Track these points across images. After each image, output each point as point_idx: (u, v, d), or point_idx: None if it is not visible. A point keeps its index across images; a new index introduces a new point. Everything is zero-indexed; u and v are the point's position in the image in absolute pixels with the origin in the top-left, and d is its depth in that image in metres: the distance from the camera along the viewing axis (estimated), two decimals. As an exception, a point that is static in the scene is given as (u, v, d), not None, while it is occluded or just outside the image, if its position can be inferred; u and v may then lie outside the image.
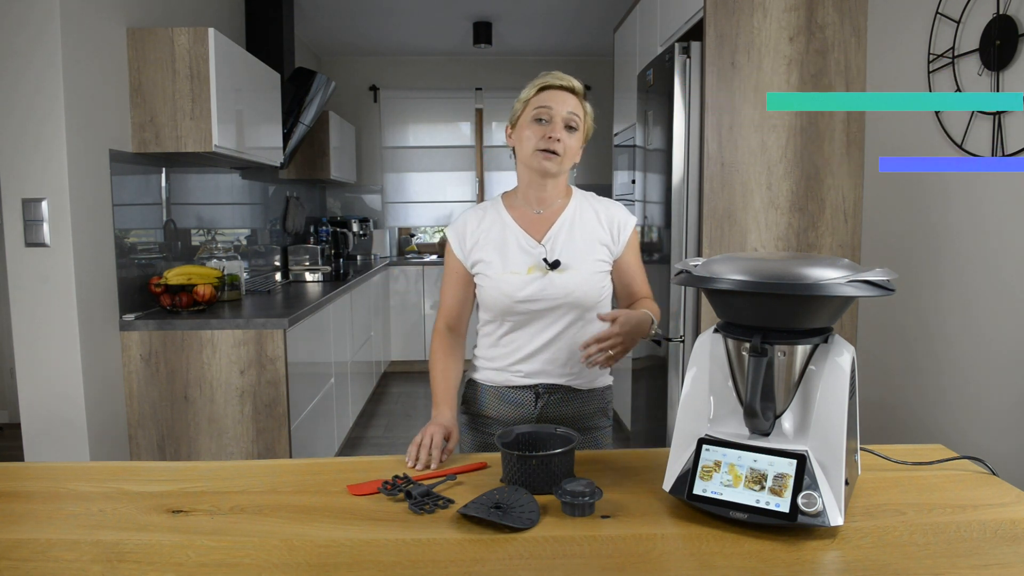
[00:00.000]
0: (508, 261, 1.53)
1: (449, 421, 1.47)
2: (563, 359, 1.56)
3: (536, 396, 1.57)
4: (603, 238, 1.57)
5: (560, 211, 1.57)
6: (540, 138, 1.48)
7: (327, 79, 4.08)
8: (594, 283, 1.54)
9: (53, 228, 2.34)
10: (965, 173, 2.13)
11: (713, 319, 2.68)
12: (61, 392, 2.39)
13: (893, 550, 1.02)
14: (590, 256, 1.54)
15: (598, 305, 1.57)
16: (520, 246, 1.54)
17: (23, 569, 0.99)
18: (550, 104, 1.48)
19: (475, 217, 1.60)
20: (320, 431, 3.30)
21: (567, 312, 1.53)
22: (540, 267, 1.52)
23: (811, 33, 2.68)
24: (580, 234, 1.55)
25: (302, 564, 1.00)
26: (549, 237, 1.55)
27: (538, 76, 1.54)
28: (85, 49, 2.42)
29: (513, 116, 1.56)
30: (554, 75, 1.51)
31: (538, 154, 1.49)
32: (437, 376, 1.56)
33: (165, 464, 1.41)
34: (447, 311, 1.62)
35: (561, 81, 1.51)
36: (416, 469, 1.35)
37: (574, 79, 1.53)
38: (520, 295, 1.51)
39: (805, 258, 1.13)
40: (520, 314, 1.53)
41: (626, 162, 3.92)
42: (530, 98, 1.51)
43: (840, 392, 1.10)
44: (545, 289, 1.51)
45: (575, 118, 1.50)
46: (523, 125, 1.52)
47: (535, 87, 1.52)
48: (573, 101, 1.50)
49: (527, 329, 1.55)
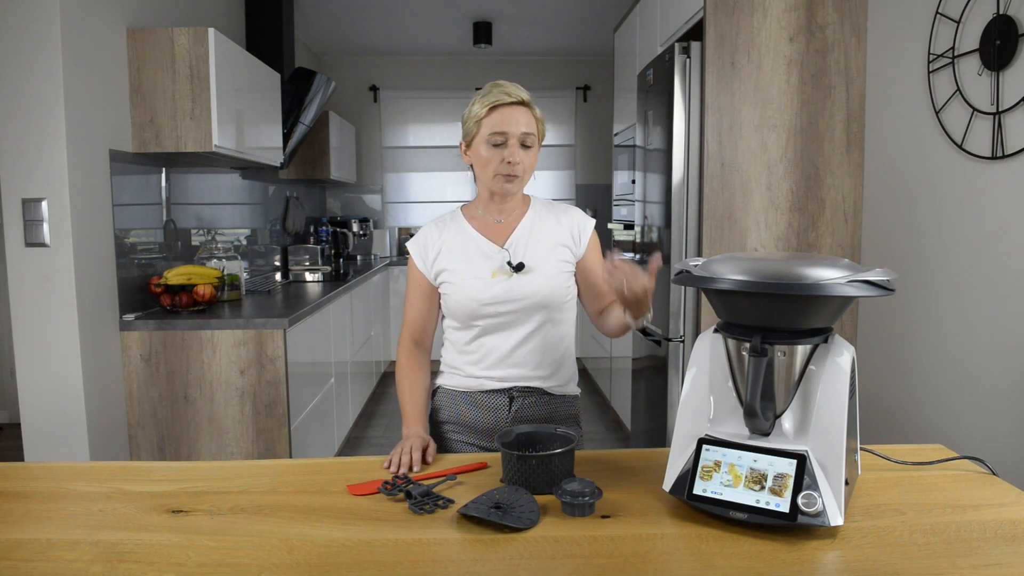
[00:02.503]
0: (472, 267, 1.54)
1: (425, 434, 1.47)
2: (535, 361, 1.56)
3: (511, 399, 1.57)
4: (564, 240, 1.58)
5: (520, 218, 1.59)
6: (499, 162, 1.49)
7: (327, 79, 4.08)
8: (559, 283, 1.55)
9: (53, 228, 2.34)
10: (965, 173, 2.13)
11: (713, 319, 2.69)
12: (61, 392, 2.39)
13: (893, 550, 1.02)
14: (552, 257, 1.55)
15: (564, 306, 1.57)
16: (483, 252, 1.55)
17: (23, 569, 0.99)
18: (504, 129, 1.47)
19: (435, 229, 1.61)
20: (320, 431, 3.30)
21: (534, 313, 1.54)
22: (504, 270, 1.53)
23: (811, 33, 2.68)
24: (541, 236, 1.57)
25: (302, 564, 1.00)
26: (511, 242, 1.56)
27: (486, 88, 1.51)
28: (85, 49, 2.42)
29: (467, 135, 1.54)
30: (502, 89, 1.49)
31: (500, 177, 1.50)
32: (405, 392, 1.56)
33: (165, 464, 1.41)
34: (412, 325, 1.62)
35: (510, 97, 1.48)
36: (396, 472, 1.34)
37: (522, 90, 1.51)
38: (485, 297, 1.52)
39: (805, 258, 1.13)
40: (487, 317, 1.53)
41: (626, 162, 3.92)
42: (482, 118, 1.49)
43: (840, 392, 1.10)
44: (510, 291, 1.52)
45: (529, 136, 1.49)
46: (479, 146, 1.51)
47: (485, 105, 1.49)
48: (525, 117, 1.49)
49: (496, 334, 1.55)
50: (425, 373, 1.60)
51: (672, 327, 2.87)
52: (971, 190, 2.11)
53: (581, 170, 6.31)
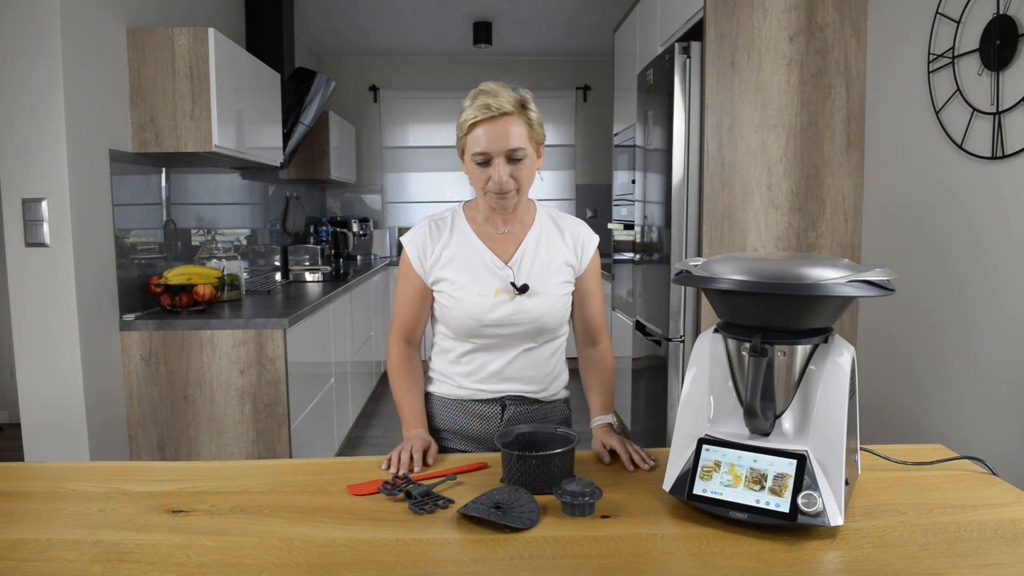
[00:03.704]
0: (476, 282, 1.48)
1: (426, 435, 1.45)
2: (528, 377, 1.54)
3: (502, 408, 1.55)
4: (568, 258, 1.53)
5: (526, 230, 1.52)
6: (486, 182, 1.40)
7: (327, 79, 4.08)
8: (560, 306, 1.52)
9: (53, 228, 2.34)
10: (965, 173, 2.13)
11: (713, 319, 2.69)
12: (61, 392, 2.39)
13: (893, 550, 1.02)
14: (556, 279, 1.51)
15: (562, 327, 1.56)
16: (487, 267, 1.49)
17: (23, 569, 0.99)
18: (485, 148, 1.36)
19: (435, 229, 1.52)
20: (320, 431, 3.30)
21: (533, 336, 1.51)
22: (508, 291, 1.48)
23: (811, 33, 2.68)
24: (546, 256, 1.52)
25: (302, 564, 1.00)
26: (515, 259, 1.50)
27: (471, 96, 1.39)
28: (85, 49, 2.42)
29: (458, 145, 1.44)
30: (485, 100, 1.36)
31: (491, 195, 1.42)
32: (401, 393, 1.53)
33: (165, 464, 1.41)
34: (403, 324, 1.56)
35: (493, 110, 1.35)
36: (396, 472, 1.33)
37: (509, 94, 1.37)
38: (488, 319, 1.48)
39: (805, 258, 1.13)
40: (486, 337, 1.50)
41: (626, 162, 3.92)
42: (464, 135, 1.40)
43: (840, 392, 1.10)
44: (514, 315, 1.48)
45: (518, 150, 1.37)
46: (468, 160, 1.42)
47: (467, 120, 1.37)
48: (512, 129, 1.36)
49: (491, 352, 1.52)
50: (418, 371, 1.58)
51: (672, 327, 2.87)
52: (971, 190, 2.11)
53: (581, 170, 6.31)
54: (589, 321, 1.59)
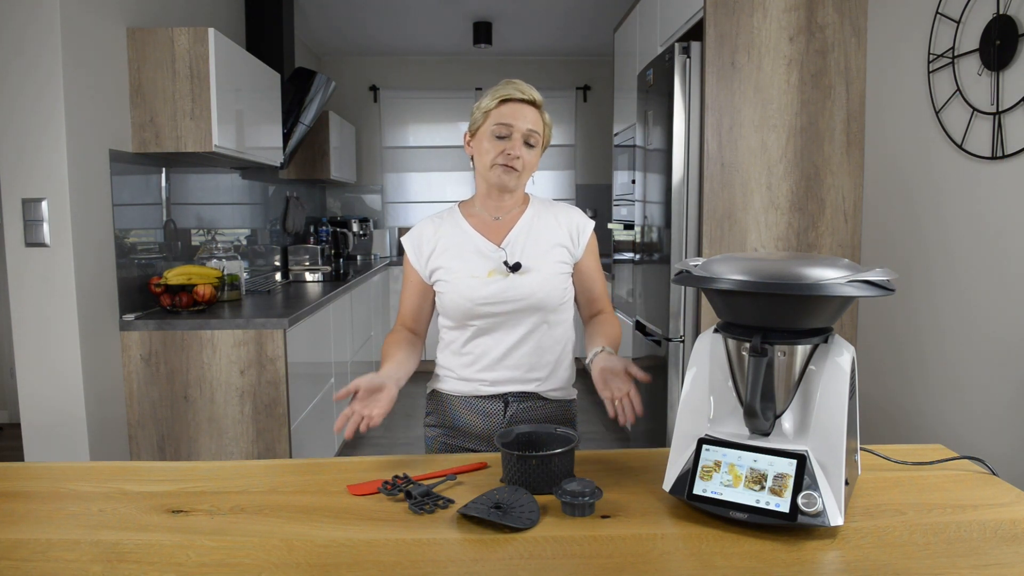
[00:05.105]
0: (468, 266, 1.53)
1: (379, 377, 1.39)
2: (529, 364, 1.55)
3: (505, 405, 1.57)
4: (562, 240, 1.57)
5: (518, 217, 1.58)
6: (499, 153, 1.48)
7: (327, 79, 4.08)
8: (556, 284, 1.54)
9: (53, 228, 2.34)
10: (965, 173, 2.13)
11: (713, 319, 2.69)
12: (61, 392, 2.39)
13: (893, 550, 1.02)
14: (550, 258, 1.54)
15: (560, 308, 1.56)
16: (479, 251, 1.54)
17: (23, 569, 0.99)
18: (510, 121, 1.47)
19: (431, 226, 1.59)
20: (320, 431, 3.30)
21: (530, 315, 1.53)
22: (500, 270, 1.52)
23: (811, 33, 2.68)
24: (539, 237, 1.55)
25: (302, 564, 1.00)
26: (508, 241, 1.55)
27: (499, 84, 1.52)
28: (85, 49, 2.42)
29: (473, 125, 1.54)
30: (515, 86, 1.49)
31: (497, 168, 1.49)
32: (386, 349, 1.52)
33: (165, 464, 1.41)
34: (405, 315, 1.61)
35: (522, 94, 1.49)
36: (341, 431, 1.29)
37: (534, 90, 1.51)
38: (480, 296, 1.50)
39: (805, 258, 1.13)
40: (482, 317, 1.52)
41: (626, 162, 3.92)
42: (491, 110, 1.50)
43: (840, 392, 1.10)
44: (506, 291, 1.50)
45: (534, 135, 1.50)
46: (482, 137, 1.51)
47: (496, 98, 1.49)
48: (533, 115, 1.49)
49: (491, 335, 1.54)
50: (410, 343, 1.56)
51: (672, 327, 2.87)
52: (971, 190, 2.11)
53: (581, 170, 6.31)
54: (593, 301, 1.63)
